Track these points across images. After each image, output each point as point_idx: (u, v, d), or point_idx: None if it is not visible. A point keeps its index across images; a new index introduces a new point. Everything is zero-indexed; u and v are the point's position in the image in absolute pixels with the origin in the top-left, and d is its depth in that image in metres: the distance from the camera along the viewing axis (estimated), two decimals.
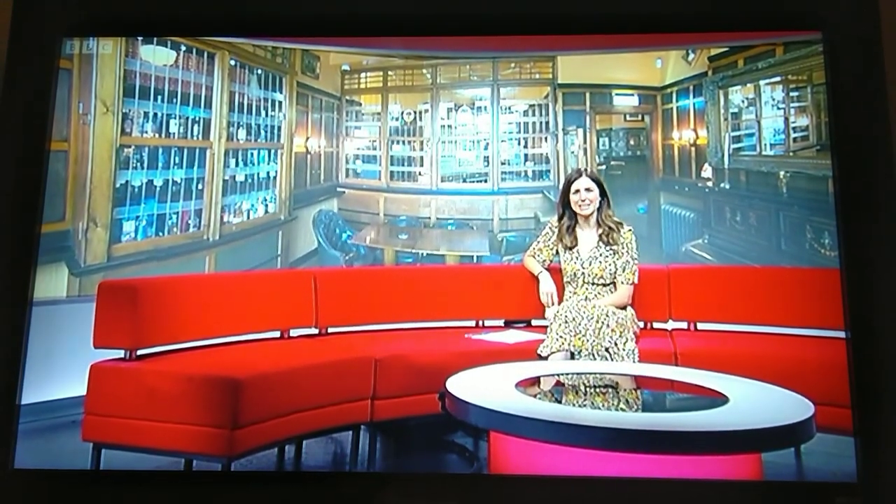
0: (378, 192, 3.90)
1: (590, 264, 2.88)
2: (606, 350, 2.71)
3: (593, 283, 2.87)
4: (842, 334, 2.36)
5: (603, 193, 2.93)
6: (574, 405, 2.31)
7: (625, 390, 2.52)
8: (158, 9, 2.80)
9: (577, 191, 2.91)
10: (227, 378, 2.33)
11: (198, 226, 3.37)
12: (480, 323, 3.05)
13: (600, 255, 2.88)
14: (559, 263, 2.96)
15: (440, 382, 2.31)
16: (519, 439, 2.06)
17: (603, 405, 2.33)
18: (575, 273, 2.89)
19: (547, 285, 2.93)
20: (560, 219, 2.97)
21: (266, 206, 3.64)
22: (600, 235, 2.91)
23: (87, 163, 2.89)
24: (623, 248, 2.88)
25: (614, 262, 2.87)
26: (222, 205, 3.45)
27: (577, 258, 2.90)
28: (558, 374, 2.59)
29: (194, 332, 2.65)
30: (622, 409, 2.31)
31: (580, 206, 2.90)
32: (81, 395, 2.40)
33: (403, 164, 3.97)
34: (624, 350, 2.70)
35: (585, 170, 2.98)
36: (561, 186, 3.01)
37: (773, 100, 3.25)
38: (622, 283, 2.86)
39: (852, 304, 2.37)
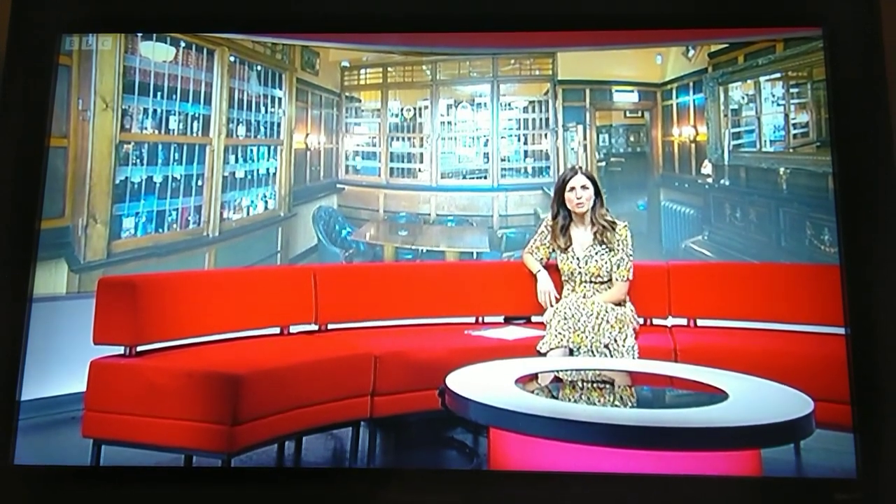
0: (378, 188, 3.90)
1: (586, 263, 2.87)
2: (606, 346, 2.70)
3: (590, 282, 2.87)
4: (841, 330, 2.36)
5: (597, 192, 2.92)
6: (573, 402, 2.30)
7: (624, 387, 2.52)
8: (158, 5, 2.78)
9: (574, 188, 2.89)
10: (227, 374, 2.32)
11: (197, 222, 3.37)
12: (480, 319, 3.04)
13: (596, 253, 2.88)
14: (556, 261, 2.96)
15: (440, 379, 2.30)
16: (518, 436, 2.06)
17: (602, 402, 2.33)
18: (572, 272, 2.89)
19: (544, 284, 2.93)
20: (554, 217, 2.95)
21: (266, 202, 3.64)
22: (594, 234, 2.90)
23: (87, 159, 2.89)
24: (618, 244, 2.87)
25: (609, 259, 2.87)
26: (222, 201, 3.45)
27: (573, 258, 2.90)
28: (558, 371, 2.59)
29: (194, 329, 2.65)
30: (621, 406, 2.31)
31: (576, 203, 2.89)
32: (81, 391, 2.39)
33: (403, 161, 3.97)
34: (623, 346, 2.70)
35: (581, 168, 2.97)
36: (555, 185, 2.99)
37: (774, 96, 3.25)
38: (617, 279, 2.85)
39: (852, 301, 2.37)
